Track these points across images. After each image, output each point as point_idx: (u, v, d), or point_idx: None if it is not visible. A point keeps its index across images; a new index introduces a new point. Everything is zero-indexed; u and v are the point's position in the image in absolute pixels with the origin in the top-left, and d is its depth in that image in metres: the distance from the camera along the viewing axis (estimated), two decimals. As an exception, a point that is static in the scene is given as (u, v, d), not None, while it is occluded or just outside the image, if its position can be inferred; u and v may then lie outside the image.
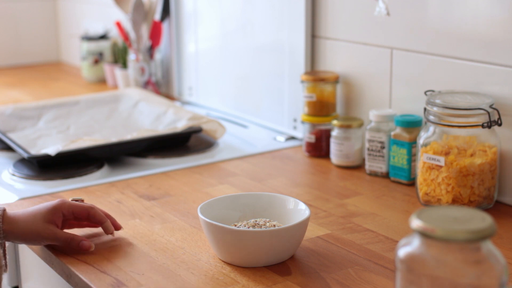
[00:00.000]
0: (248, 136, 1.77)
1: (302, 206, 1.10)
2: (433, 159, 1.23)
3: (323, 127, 1.57)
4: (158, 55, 2.24)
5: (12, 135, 1.67)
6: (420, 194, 1.27)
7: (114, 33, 2.44)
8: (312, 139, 1.57)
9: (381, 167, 1.44)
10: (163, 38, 2.21)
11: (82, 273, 1.02)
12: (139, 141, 1.59)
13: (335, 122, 1.50)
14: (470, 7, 1.29)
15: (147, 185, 1.39)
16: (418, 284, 0.69)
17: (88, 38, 2.45)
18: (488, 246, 0.69)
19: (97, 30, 2.53)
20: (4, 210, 1.08)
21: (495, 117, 1.22)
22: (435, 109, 1.24)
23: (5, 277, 1.36)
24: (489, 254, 0.69)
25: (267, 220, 1.11)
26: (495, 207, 1.26)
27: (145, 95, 1.96)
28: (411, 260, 0.70)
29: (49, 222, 1.08)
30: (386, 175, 1.43)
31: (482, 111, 1.21)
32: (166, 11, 2.16)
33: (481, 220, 0.69)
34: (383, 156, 1.43)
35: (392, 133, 1.39)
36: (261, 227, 1.08)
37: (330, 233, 1.16)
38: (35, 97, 2.22)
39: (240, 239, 1.02)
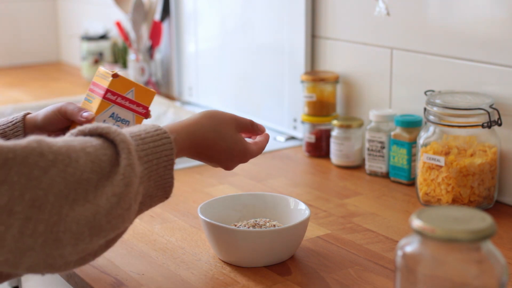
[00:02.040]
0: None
1: (302, 206, 1.10)
2: (433, 159, 1.23)
3: (323, 127, 1.57)
4: (158, 55, 2.24)
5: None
6: (420, 194, 1.27)
7: (114, 33, 2.44)
8: (312, 139, 1.57)
9: (381, 167, 1.44)
10: (163, 38, 2.21)
11: (82, 273, 1.02)
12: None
13: (335, 122, 1.50)
14: (470, 7, 1.29)
15: (147, 185, 1.39)
16: (418, 284, 0.69)
17: (88, 38, 2.45)
18: (488, 246, 0.69)
19: (97, 30, 2.53)
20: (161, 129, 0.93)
21: (495, 117, 1.22)
22: (435, 109, 1.24)
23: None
24: (489, 254, 0.69)
25: (267, 220, 1.11)
26: (495, 207, 1.26)
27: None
28: (411, 260, 0.70)
29: None
30: (386, 175, 1.43)
31: (482, 111, 1.21)
32: (166, 11, 2.16)
33: (481, 220, 0.69)
34: (383, 156, 1.43)
35: (392, 133, 1.39)
36: (261, 227, 1.08)
37: (330, 233, 1.16)
38: (35, 97, 2.22)
39: (240, 239, 1.02)
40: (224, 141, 0.96)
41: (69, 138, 0.80)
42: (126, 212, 0.80)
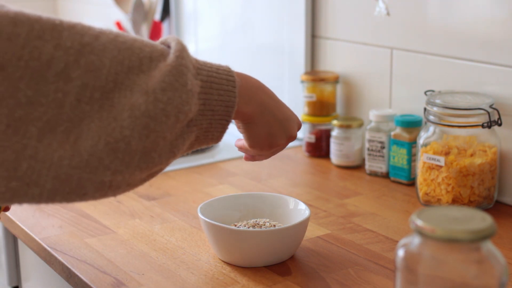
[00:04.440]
0: (248, 136, 1.77)
1: (302, 206, 1.10)
2: (433, 159, 1.23)
3: (323, 127, 1.57)
4: (158, 55, 2.24)
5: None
6: (420, 194, 1.27)
7: (114, 33, 2.44)
8: (312, 139, 1.57)
9: (381, 167, 1.44)
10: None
11: (82, 273, 1.02)
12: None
13: (335, 122, 1.50)
14: (470, 7, 1.29)
15: (147, 185, 1.39)
16: (418, 284, 0.69)
17: (88, 38, 2.45)
18: (488, 246, 0.69)
19: (97, 30, 2.52)
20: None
21: (495, 117, 1.22)
22: (435, 109, 1.24)
23: (5, 277, 1.37)
24: (489, 254, 0.69)
25: (267, 220, 1.11)
26: (495, 207, 1.26)
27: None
28: (411, 260, 0.70)
29: None
30: (386, 175, 1.43)
31: (482, 111, 1.21)
32: (166, 11, 2.16)
33: (481, 220, 0.68)
34: (383, 156, 1.43)
35: (392, 133, 1.39)
36: (261, 227, 1.08)
37: (330, 233, 1.16)
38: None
39: (240, 239, 1.02)
40: (291, 113, 0.95)
41: None
42: (181, 88, 0.77)
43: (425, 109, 1.27)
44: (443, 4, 1.34)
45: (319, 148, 1.57)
